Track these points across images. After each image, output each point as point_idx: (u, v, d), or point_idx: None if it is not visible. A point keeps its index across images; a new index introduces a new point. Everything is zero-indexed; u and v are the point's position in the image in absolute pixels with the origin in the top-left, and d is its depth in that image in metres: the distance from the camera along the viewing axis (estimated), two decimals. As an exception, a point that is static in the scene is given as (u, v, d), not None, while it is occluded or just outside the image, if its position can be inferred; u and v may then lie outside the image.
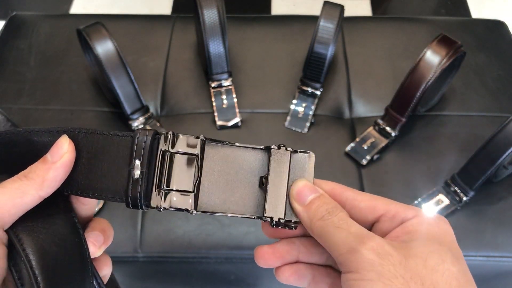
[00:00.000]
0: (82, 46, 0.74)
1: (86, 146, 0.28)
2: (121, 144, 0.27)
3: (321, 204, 0.28)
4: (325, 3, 0.74)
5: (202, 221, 0.68)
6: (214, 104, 0.78)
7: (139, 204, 0.27)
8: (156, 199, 0.27)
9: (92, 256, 0.28)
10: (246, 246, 0.67)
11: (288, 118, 0.77)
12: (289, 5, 1.54)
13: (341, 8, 0.74)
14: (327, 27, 0.72)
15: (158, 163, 0.27)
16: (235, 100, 0.78)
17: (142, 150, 0.27)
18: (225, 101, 0.78)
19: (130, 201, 0.27)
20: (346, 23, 0.89)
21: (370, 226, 0.29)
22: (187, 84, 0.81)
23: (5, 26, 0.88)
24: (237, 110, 0.78)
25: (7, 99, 0.78)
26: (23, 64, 0.82)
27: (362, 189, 0.72)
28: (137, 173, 0.27)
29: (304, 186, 0.28)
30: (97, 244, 0.29)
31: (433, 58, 0.67)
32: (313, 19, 0.86)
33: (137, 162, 0.27)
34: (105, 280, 0.31)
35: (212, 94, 0.78)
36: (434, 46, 0.68)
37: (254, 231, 0.68)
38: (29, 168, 0.27)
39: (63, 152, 0.27)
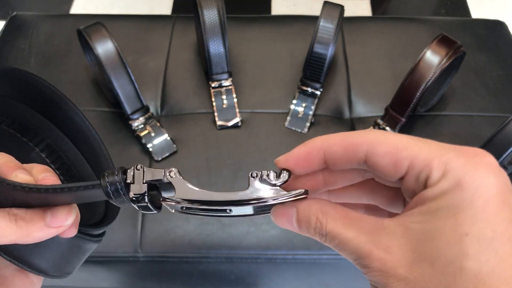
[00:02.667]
0: (82, 46, 0.74)
1: None
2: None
3: (306, 225, 0.24)
4: (325, 3, 0.74)
5: (202, 221, 0.68)
6: (214, 104, 0.78)
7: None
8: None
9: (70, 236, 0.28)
10: (246, 246, 0.67)
11: (288, 118, 0.77)
12: (289, 5, 1.54)
13: (341, 8, 0.74)
14: (327, 27, 0.72)
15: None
16: (235, 100, 0.78)
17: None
18: (225, 101, 0.78)
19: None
20: (346, 23, 0.89)
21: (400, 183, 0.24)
22: (187, 84, 0.81)
23: (6, 26, 0.88)
24: (237, 110, 0.78)
25: (7, 99, 0.78)
26: (23, 64, 0.82)
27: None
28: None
29: (278, 217, 0.25)
30: (75, 225, 0.27)
31: (433, 58, 0.67)
32: (313, 19, 0.86)
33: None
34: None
35: (212, 94, 0.78)
36: (434, 46, 0.68)
37: (254, 231, 0.68)
38: (24, 211, 0.25)
39: (63, 224, 0.26)
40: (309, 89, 0.78)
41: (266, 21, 0.92)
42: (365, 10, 1.53)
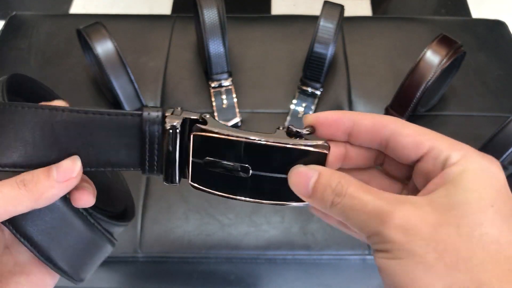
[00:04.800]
0: (82, 46, 0.74)
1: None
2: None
3: (324, 188, 0.25)
4: (325, 3, 0.74)
5: (202, 221, 0.68)
6: (214, 104, 0.78)
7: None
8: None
9: (89, 205, 0.28)
10: (246, 246, 0.67)
11: (288, 118, 0.77)
12: (289, 5, 1.54)
13: (341, 8, 0.74)
14: (327, 27, 0.72)
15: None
16: (235, 100, 0.78)
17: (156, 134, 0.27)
18: (225, 101, 0.78)
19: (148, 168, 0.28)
20: (346, 23, 0.89)
21: (414, 164, 0.26)
22: (187, 84, 0.81)
23: (5, 26, 0.88)
24: (237, 110, 0.78)
25: (7, 99, 0.78)
26: (23, 64, 0.82)
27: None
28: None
29: (300, 177, 0.26)
30: (91, 191, 0.28)
31: (433, 58, 0.67)
32: (313, 19, 0.86)
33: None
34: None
35: (212, 94, 0.78)
36: (434, 46, 0.68)
37: (254, 231, 0.68)
38: (30, 175, 0.26)
39: (71, 176, 0.26)
40: (309, 89, 0.78)
41: (266, 21, 0.92)
42: (365, 10, 1.53)
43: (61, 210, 0.28)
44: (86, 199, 0.27)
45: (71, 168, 0.26)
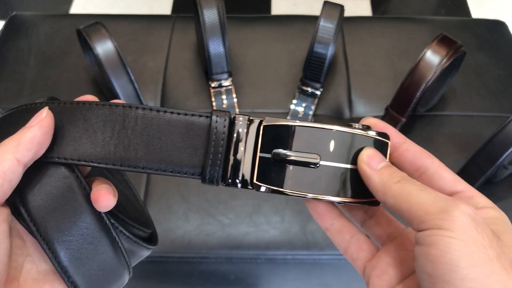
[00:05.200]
0: (82, 46, 0.74)
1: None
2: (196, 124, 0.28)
3: (394, 171, 0.27)
4: (325, 3, 0.74)
5: (202, 221, 0.68)
6: (214, 104, 0.78)
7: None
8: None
9: (109, 207, 0.28)
10: (246, 246, 0.67)
11: (288, 118, 0.77)
12: (289, 5, 1.54)
13: (341, 8, 0.74)
14: (327, 27, 0.72)
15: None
16: (235, 100, 0.78)
17: (222, 135, 0.28)
18: (225, 101, 0.78)
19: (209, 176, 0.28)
20: (346, 23, 0.89)
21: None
22: (187, 84, 0.81)
23: (5, 26, 0.88)
24: (237, 110, 0.78)
25: (7, 99, 0.78)
26: (23, 64, 0.82)
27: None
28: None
29: (375, 152, 0.28)
30: (111, 191, 0.28)
31: (433, 58, 0.67)
32: (313, 19, 0.86)
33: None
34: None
35: (212, 94, 0.78)
36: (434, 46, 0.68)
37: (254, 231, 0.68)
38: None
39: (41, 118, 0.27)
40: (309, 89, 0.78)
41: (266, 21, 0.92)
42: (365, 10, 1.53)
43: (92, 229, 0.28)
44: (106, 198, 0.27)
45: (39, 113, 0.27)
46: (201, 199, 0.70)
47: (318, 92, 0.78)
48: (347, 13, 0.77)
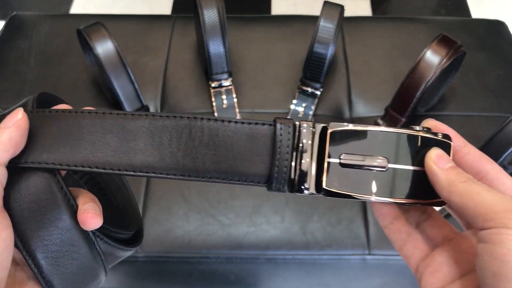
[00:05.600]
0: (82, 46, 0.74)
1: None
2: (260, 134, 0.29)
3: (460, 171, 0.27)
4: (325, 3, 0.74)
5: (202, 221, 0.68)
6: (214, 104, 0.78)
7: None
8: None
9: (96, 227, 0.28)
10: (246, 246, 0.67)
11: (289, 117, 0.77)
12: (289, 5, 1.54)
13: (341, 8, 0.74)
14: (327, 27, 0.72)
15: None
16: (235, 100, 0.78)
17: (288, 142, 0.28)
18: (225, 101, 0.78)
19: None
20: (346, 23, 0.89)
21: None
22: (187, 84, 0.81)
23: (5, 26, 0.88)
24: (237, 110, 0.78)
25: (7, 99, 0.78)
26: (23, 64, 0.82)
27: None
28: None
29: (443, 153, 0.28)
30: (98, 214, 0.28)
31: (433, 58, 0.67)
32: (313, 19, 0.86)
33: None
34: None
35: (212, 94, 0.78)
36: (434, 46, 0.68)
37: (254, 231, 0.68)
38: None
39: (16, 119, 0.27)
40: (309, 89, 0.78)
41: (266, 21, 0.92)
42: (365, 10, 1.53)
43: (72, 233, 0.28)
44: (93, 221, 0.28)
45: (14, 113, 0.27)
46: (201, 199, 0.70)
47: (318, 92, 0.78)
48: (347, 13, 0.77)
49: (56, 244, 0.27)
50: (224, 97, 0.78)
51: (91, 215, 0.27)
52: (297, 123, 0.29)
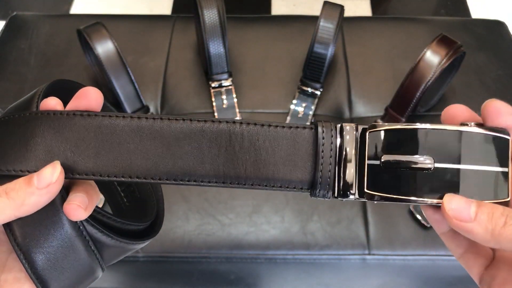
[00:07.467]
0: (82, 46, 0.74)
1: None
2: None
3: (490, 212, 0.24)
4: (325, 3, 0.74)
5: (202, 221, 0.68)
6: (214, 104, 0.78)
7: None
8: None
9: (80, 219, 0.27)
10: (246, 246, 0.67)
11: (288, 118, 0.77)
12: (289, 5, 1.54)
13: (341, 8, 0.74)
14: (327, 27, 0.72)
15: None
16: (235, 100, 0.78)
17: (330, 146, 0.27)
18: (225, 101, 0.78)
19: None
20: (346, 23, 0.89)
21: None
22: (187, 84, 0.81)
23: (6, 26, 0.88)
24: (237, 110, 0.78)
25: (7, 99, 0.78)
26: (23, 64, 0.82)
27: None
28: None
29: (459, 201, 0.25)
30: (82, 206, 0.27)
31: (433, 58, 0.67)
32: (313, 19, 0.86)
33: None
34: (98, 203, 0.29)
35: (212, 94, 0.78)
36: (434, 46, 0.68)
37: (254, 231, 0.68)
38: (13, 183, 0.26)
39: (50, 182, 0.25)
40: (309, 89, 0.79)
41: (266, 21, 0.92)
42: (365, 10, 1.53)
43: (70, 237, 0.27)
44: (75, 214, 0.26)
45: (51, 175, 0.26)
46: (201, 199, 0.70)
47: (318, 92, 0.78)
48: (347, 13, 0.77)
49: (52, 246, 0.27)
50: (224, 97, 0.78)
51: (74, 207, 0.26)
52: (338, 125, 0.28)
